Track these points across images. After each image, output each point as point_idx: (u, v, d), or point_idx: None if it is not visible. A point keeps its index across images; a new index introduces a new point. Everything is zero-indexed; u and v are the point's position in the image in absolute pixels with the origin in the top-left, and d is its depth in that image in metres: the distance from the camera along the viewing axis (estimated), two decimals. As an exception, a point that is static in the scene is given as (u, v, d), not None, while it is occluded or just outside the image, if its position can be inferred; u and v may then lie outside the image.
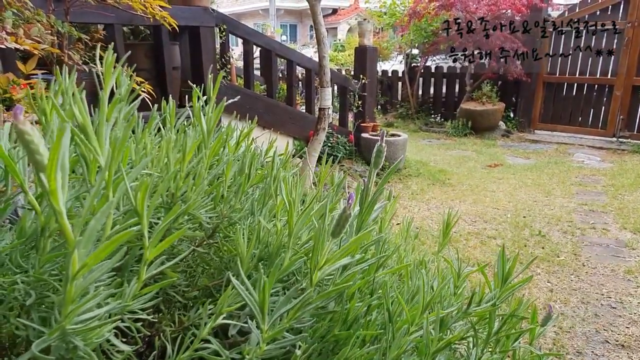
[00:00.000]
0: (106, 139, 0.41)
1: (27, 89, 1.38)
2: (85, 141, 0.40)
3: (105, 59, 0.53)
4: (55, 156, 0.29)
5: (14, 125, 0.28)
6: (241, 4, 24.00)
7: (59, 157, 0.29)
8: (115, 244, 0.32)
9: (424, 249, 3.57)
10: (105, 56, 0.53)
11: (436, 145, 7.44)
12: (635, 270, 3.15)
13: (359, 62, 5.74)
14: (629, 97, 6.80)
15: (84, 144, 0.41)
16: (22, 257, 0.46)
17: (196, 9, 3.30)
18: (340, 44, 20.04)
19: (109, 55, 0.52)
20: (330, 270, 0.45)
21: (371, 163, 0.59)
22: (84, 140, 0.40)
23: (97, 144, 0.41)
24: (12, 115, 0.28)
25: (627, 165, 5.87)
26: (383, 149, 0.59)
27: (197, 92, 0.66)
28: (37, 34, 1.44)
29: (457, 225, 4.05)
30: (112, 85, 0.53)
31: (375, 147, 0.59)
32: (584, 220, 4.10)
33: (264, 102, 4.98)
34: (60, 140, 0.29)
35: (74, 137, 0.39)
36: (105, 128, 0.42)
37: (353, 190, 2.86)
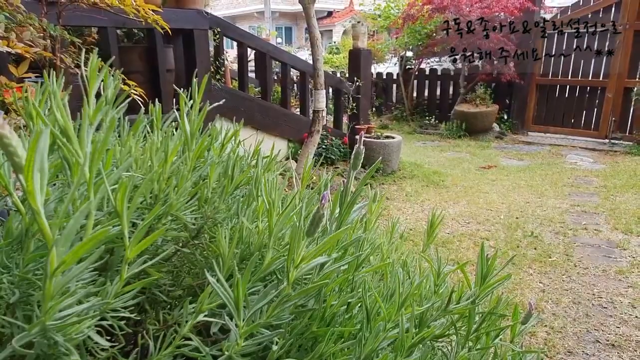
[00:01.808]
0: (88, 142, 0.43)
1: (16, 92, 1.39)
2: (66, 144, 0.41)
3: (90, 62, 0.54)
4: (32, 158, 0.30)
5: None
6: (236, 7, 24.03)
7: (37, 158, 0.30)
8: (93, 242, 0.33)
9: (413, 249, 3.59)
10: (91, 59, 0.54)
11: (431, 147, 7.48)
12: (626, 271, 3.18)
13: (353, 65, 5.77)
14: (620, 99, 6.86)
15: (65, 147, 0.42)
16: (9, 257, 0.47)
17: (190, 12, 3.31)
18: (335, 46, 20.06)
19: (94, 59, 0.54)
20: (309, 269, 0.46)
21: (349, 164, 0.61)
22: (65, 143, 0.41)
23: (78, 146, 0.42)
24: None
25: (619, 166, 5.92)
26: (361, 152, 0.61)
27: (184, 97, 0.67)
28: (29, 37, 1.45)
29: (450, 226, 4.07)
30: (97, 88, 0.54)
31: (354, 150, 0.60)
32: (576, 221, 4.14)
33: (258, 104, 5.00)
34: (37, 142, 0.30)
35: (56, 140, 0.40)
36: (87, 131, 0.43)
37: None
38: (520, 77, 7.44)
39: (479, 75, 7.78)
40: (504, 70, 7.36)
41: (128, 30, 3.40)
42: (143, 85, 3.50)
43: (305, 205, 0.66)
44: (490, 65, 7.51)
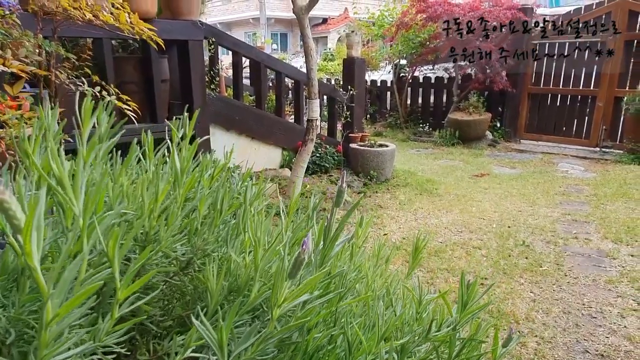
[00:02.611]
0: (82, 187, 0.45)
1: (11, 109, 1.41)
2: (62, 193, 0.43)
3: (83, 106, 0.56)
4: (30, 224, 0.32)
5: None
6: (232, 13, 24.09)
7: (34, 221, 0.32)
8: (86, 295, 0.35)
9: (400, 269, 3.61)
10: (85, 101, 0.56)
11: (424, 154, 7.52)
12: (616, 280, 3.21)
13: (348, 73, 5.81)
14: (611, 108, 6.94)
15: (60, 195, 0.44)
16: (5, 291, 0.49)
17: (185, 23, 3.34)
18: (330, 53, 20.15)
19: (87, 102, 0.56)
20: (291, 306, 0.48)
21: (333, 202, 0.63)
22: (60, 192, 0.44)
23: (72, 195, 0.44)
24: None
25: (609, 175, 5.99)
26: (344, 190, 0.63)
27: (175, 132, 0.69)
28: (24, 54, 1.47)
29: (443, 235, 4.10)
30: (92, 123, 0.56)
31: (337, 188, 0.62)
32: (567, 230, 4.18)
33: (252, 113, 5.02)
34: (34, 211, 0.32)
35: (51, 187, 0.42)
36: (82, 180, 0.45)
37: None
38: (512, 85, 7.51)
39: (472, 84, 7.85)
40: (496, 79, 7.44)
41: (123, 40, 3.41)
42: (138, 95, 3.52)
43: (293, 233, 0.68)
44: (482, 73, 7.59)
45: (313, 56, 4.36)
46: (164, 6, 3.38)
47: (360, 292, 0.72)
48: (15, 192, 0.49)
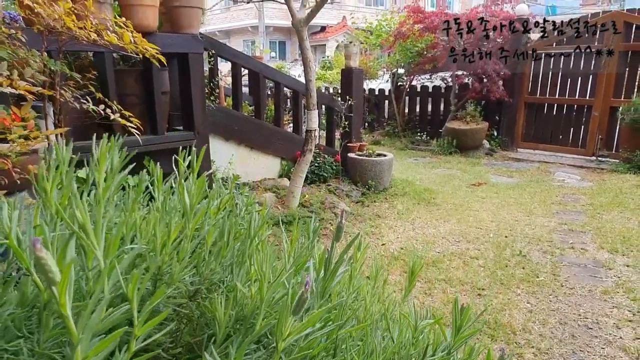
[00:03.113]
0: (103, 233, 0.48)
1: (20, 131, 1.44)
2: (85, 239, 0.47)
3: (100, 148, 0.60)
4: (66, 281, 0.35)
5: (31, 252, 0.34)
6: (230, 21, 24.24)
7: (67, 273, 0.36)
8: (112, 340, 0.38)
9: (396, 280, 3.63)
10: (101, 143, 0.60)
11: (422, 163, 7.57)
12: (611, 291, 3.25)
13: (346, 84, 5.86)
14: (607, 118, 7.02)
15: (83, 240, 0.47)
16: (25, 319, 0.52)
17: (185, 37, 3.38)
18: (328, 61, 20.28)
19: (103, 145, 0.59)
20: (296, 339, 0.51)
21: (333, 236, 0.67)
22: (84, 238, 0.47)
23: (95, 240, 0.48)
24: (32, 244, 0.35)
25: (605, 184, 6.04)
26: (343, 226, 0.66)
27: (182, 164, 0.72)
28: (30, 74, 1.50)
29: (441, 245, 4.13)
30: (107, 166, 0.60)
31: (337, 223, 0.66)
32: (564, 240, 4.22)
33: (251, 123, 5.07)
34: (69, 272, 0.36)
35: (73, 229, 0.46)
36: (102, 225, 0.48)
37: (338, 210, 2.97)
38: (509, 95, 7.58)
39: (469, 93, 7.93)
40: (493, 89, 7.51)
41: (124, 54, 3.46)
42: (138, 107, 3.56)
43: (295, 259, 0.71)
44: (479, 83, 7.66)
45: (312, 68, 4.41)
46: (164, 20, 3.43)
47: (359, 316, 0.76)
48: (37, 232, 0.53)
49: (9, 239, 0.47)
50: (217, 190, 0.76)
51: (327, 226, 4.44)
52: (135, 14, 3.08)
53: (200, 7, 3.45)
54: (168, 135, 3.52)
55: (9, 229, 0.47)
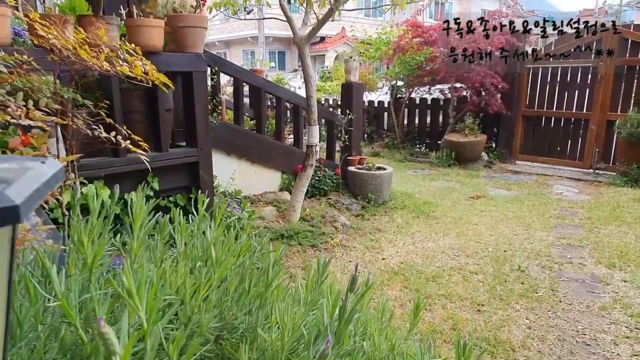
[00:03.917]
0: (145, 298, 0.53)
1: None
2: (129, 301, 0.52)
3: (135, 209, 0.65)
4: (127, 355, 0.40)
5: (96, 327, 0.39)
6: (231, 32, 24.44)
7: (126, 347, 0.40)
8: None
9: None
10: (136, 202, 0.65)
11: (421, 175, 7.63)
12: (609, 307, 3.29)
13: (346, 98, 5.94)
14: (604, 131, 7.10)
15: (127, 302, 0.52)
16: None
17: (190, 56, 3.45)
18: (327, 71, 20.43)
19: (137, 207, 0.64)
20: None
21: (347, 287, 0.72)
22: (129, 301, 0.52)
23: (138, 302, 0.53)
24: (97, 322, 0.40)
25: (603, 197, 6.10)
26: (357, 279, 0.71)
27: (201, 209, 0.77)
28: (45, 104, 1.56)
29: (440, 259, 4.17)
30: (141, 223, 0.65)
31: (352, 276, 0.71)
32: (562, 254, 4.26)
33: (253, 137, 5.13)
34: (130, 347, 0.41)
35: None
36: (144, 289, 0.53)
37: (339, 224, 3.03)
38: (507, 108, 7.67)
39: (468, 106, 8.01)
40: (491, 102, 7.60)
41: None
42: (143, 124, 3.61)
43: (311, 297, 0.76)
44: (477, 96, 7.75)
45: (313, 84, 4.48)
46: (169, 39, 3.49)
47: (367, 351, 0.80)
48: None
49: (61, 301, 0.52)
50: (232, 234, 0.81)
51: (327, 240, 4.48)
52: (141, 34, 3.15)
53: (204, 27, 3.52)
54: (172, 152, 3.58)
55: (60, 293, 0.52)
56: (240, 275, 0.75)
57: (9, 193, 0.29)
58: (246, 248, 0.80)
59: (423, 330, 2.93)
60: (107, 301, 0.55)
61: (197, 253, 0.74)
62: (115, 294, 0.50)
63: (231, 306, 0.73)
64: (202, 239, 0.76)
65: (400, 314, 3.24)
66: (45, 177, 0.35)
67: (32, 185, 0.33)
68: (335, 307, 0.69)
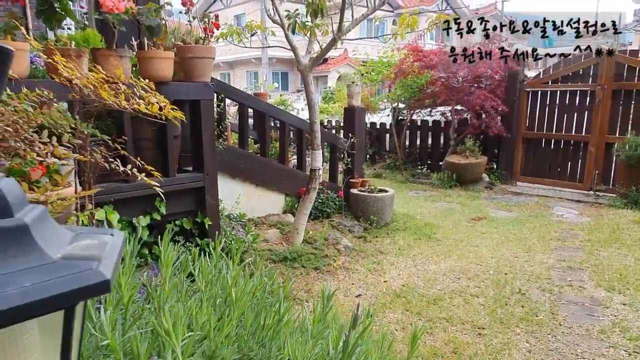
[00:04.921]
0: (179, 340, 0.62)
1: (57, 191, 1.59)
2: (168, 339, 0.61)
3: (164, 257, 0.75)
4: None
5: None
6: (234, 53, 24.83)
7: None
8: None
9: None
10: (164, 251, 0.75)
11: (423, 196, 7.71)
12: (608, 330, 3.33)
13: (348, 122, 6.08)
14: (603, 153, 7.19)
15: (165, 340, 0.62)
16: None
17: (198, 85, 3.59)
18: (330, 92, 20.71)
19: (167, 255, 0.74)
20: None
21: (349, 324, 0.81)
22: (168, 339, 0.61)
23: (175, 341, 0.62)
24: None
25: (603, 219, 6.15)
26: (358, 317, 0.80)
27: (219, 253, 0.87)
28: (67, 140, 1.67)
29: (442, 282, 4.23)
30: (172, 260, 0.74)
31: (352, 315, 0.79)
32: (562, 277, 4.31)
33: (257, 161, 5.25)
34: None
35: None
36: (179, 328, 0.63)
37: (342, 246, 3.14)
38: (507, 130, 7.79)
39: (468, 129, 8.14)
40: (491, 124, 7.72)
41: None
42: (152, 150, 3.74)
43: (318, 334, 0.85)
44: (477, 119, 7.88)
45: (316, 110, 4.62)
46: (178, 69, 3.63)
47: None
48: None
49: (110, 340, 0.61)
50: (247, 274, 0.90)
51: (330, 263, 4.54)
52: (152, 65, 3.29)
53: (212, 58, 3.67)
54: (179, 177, 3.68)
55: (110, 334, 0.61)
56: (256, 312, 0.84)
57: (102, 270, 0.39)
58: (260, 287, 0.89)
59: (424, 354, 2.98)
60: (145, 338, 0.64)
61: (217, 290, 0.83)
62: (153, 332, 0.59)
63: (247, 339, 0.82)
64: (219, 277, 0.86)
65: (402, 337, 3.29)
66: (117, 248, 0.44)
67: (113, 259, 0.42)
68: (340, 339, 0.77)
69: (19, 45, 2.59)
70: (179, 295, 0.80)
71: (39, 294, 0.35)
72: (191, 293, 0.85)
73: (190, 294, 0.85)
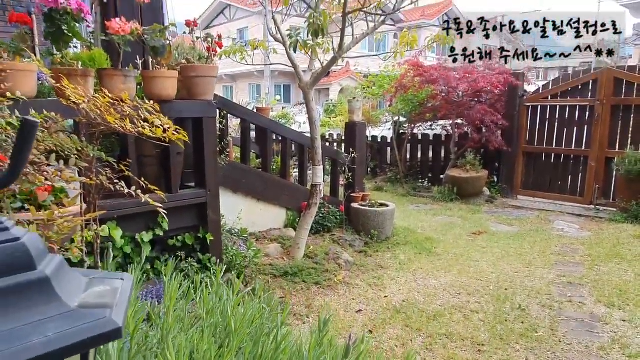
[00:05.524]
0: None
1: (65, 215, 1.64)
2: None
3: (169, 292, 0.79)
4: None
5: None
6: (237, 66, 25.07)
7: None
8: None
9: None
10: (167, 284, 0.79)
11: (424, 210, 7.74)
12: (607, 347, 3.34)
13: (350, 137, 6.14)
14: (603, 168, 7.22)
15: None
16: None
17: (201, 103, 3.65)
18: (332, 104, 20.87)
19: (172, 290, 0.79)
20: None
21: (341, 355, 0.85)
22: None
23: None
24: None
25: (603, 234, 6.17)
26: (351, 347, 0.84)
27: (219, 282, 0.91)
28: (74, 163, 1.72)
29: (442, 297, 4.24)
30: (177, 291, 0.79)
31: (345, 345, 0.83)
32: (562, 293, 4.32)
33: (259, 176, 5.30)
34: None
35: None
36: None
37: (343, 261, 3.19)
38: (507, 145, 7.84)
39: (469, 143, 8.19)
40: (491, 139, 7.78)
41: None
42: (155, 167, 3.80)
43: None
44: (478, 134, 7.94)
45: (317, 127, 4.68)
46: (181, 87, 3.70)
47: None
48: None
49: None
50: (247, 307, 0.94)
51: (331, 277, 4.56)
52: (156, 84, 3.37)
53: (214, 76, 3.74)
54: (182, 194, 3.73)
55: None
56: (254, 340, 0.88)
57: (114, 317, 0.43)
58: (259, 316, 0.93)
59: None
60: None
61: (218, 319, 0.88)
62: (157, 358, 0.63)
63: (247, 367, 0.86)
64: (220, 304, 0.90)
65: (401, 353, 3.30)
66: (127, 293, 0.49)
67: (124, 305, 0.46)
68: None
69: (26, 66, 2.66)
70: (181, 325, 0.84)
71: (59, 343, 0.39)
72: (193, 320, 0.90)
73: (192, 321, 0.89)
